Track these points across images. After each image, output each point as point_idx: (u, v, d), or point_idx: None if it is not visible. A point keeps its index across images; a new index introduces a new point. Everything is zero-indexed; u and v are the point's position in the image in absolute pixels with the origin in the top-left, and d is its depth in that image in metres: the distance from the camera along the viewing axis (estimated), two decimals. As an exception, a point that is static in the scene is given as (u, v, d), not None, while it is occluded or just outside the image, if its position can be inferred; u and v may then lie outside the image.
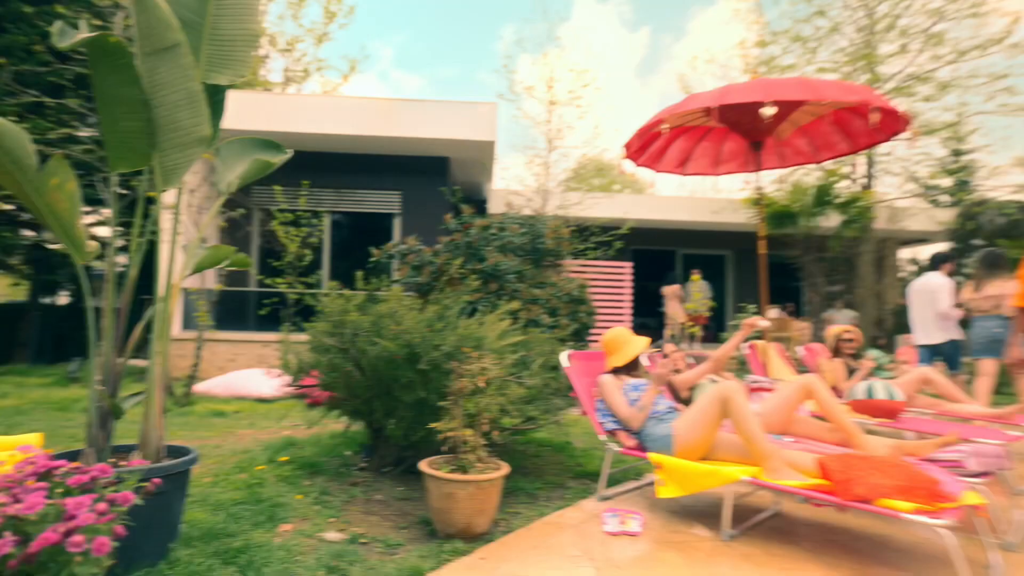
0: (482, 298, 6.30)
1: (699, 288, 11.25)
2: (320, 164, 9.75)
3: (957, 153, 14.11)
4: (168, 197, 2.45)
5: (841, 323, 11.77)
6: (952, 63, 10.45)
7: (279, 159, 2.76)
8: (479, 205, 12.69)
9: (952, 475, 2.58)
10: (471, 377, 2.61)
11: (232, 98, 8.81)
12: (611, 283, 10.13)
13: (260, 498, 2.93)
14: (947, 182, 13.88)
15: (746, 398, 2.84)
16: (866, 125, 4.31)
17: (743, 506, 3.08)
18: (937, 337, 5.83)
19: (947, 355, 5.76)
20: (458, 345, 2.85)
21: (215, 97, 2.34)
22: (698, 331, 11.09)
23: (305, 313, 8.10)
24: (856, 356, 5.23)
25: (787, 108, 4.12)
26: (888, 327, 13.97)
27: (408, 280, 6.80)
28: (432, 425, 2.63)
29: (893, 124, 4.01)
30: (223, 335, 8.67)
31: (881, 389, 4.26)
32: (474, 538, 2.52)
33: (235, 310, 9.81)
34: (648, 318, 14.32)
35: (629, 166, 5.09)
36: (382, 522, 2.74)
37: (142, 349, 2.70)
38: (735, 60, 12.34)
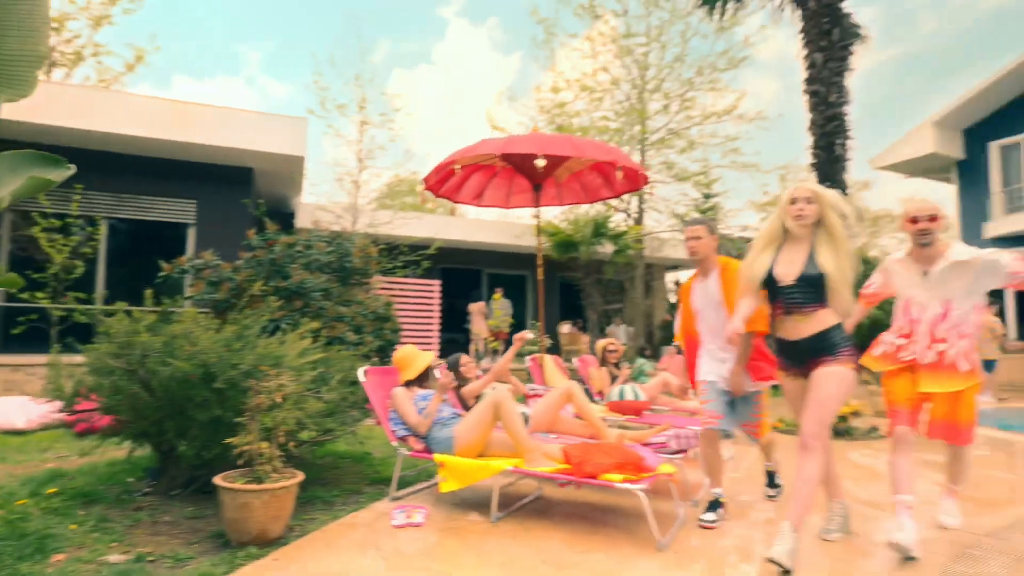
0: (285, 316, 6.28)
1: (501, 306, 12.21)
2: (98, 164, 8.74)
3: (706, 196, 17.14)
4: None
5: (619, 337, 13.64)
6: (699, 124, 12.88)
7: (60, 176, 2.69)
8: (286, 218, 12.29)
9: (657, 453, 3.43)
10: (268, 393, 2.81)
11: None
12: (420, 300, 10.54)
13: (24, 532, 2.76)
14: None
15: (514, 403, 3.43)
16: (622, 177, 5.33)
17: (512, 493, 3.67)
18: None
19: None
20: (256, 364, 3.01)
21: (-12, 113, 2.27)
22: (499, 346, 12.00)
23: (75, 332, 7.20)
24: (618, 365, 6.29)
25: (558, 160, 4.94)
26: (656, 340, 16.42)
27: (203, 297, 6.48)
28: (229, 440, 2.77)
29: (636, 180, 5.04)
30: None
31: (629, 392, 5.24)
32: (268, 543, 2.71)
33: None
34: (457, 333, 15.01)
35: (430, 195, 5.58)
36: (171, 540, 2.79)
37: None
38: (536, 100, 13.65)
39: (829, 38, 7.05)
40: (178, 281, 7.27)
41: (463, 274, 15.61)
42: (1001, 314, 15.18)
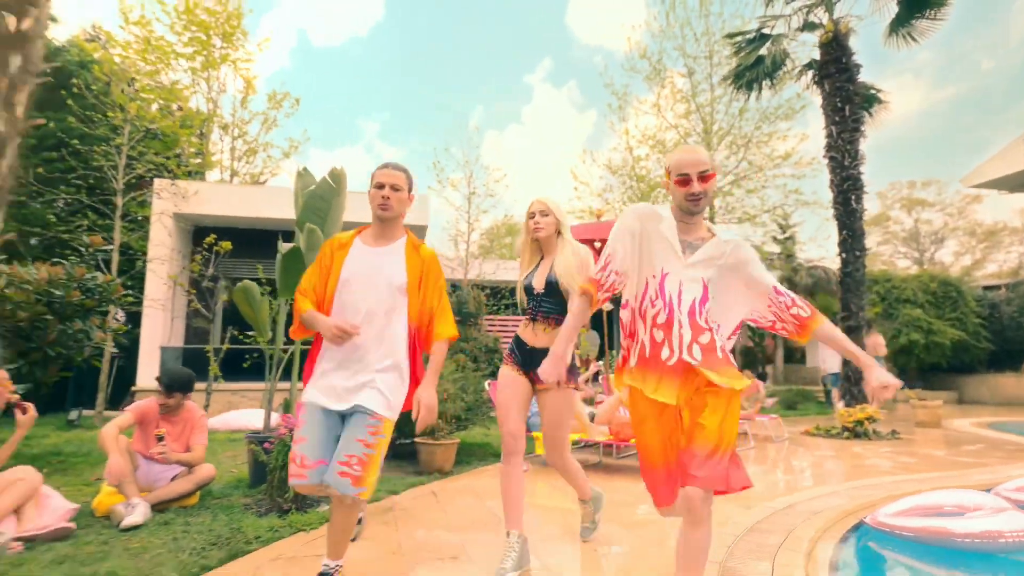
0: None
1: (588, 338, 14.25)
2: (264, 240, 11.91)
3: (782, 227, 18.26)
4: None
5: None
6: (760, 169, 14.38)
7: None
8: (410, 270, 15.19)
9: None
10: (440, 393, 5.14)
11: (223, 190, 10.86)
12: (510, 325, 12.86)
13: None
14: (776, 249, 17.91)
15: (580, 402, 5.54)
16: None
17: (583, 461, 5.75)
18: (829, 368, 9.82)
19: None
20: (431, 378, 5.37)
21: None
22: (586, 370, 14.02)
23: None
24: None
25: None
26: (736, 365, 17.63)
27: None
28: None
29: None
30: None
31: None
32: (445, 473, 4.99)
33: (197, 364, 11.56)
34: (552, 362, 17.09)
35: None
36: (393, 472, 5.15)
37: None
38: (614, 155, 15.77)
39: (842, 114, 8.65)
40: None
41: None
42: None
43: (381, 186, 2.42)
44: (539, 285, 2.83)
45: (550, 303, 2.81)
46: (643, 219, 2.13)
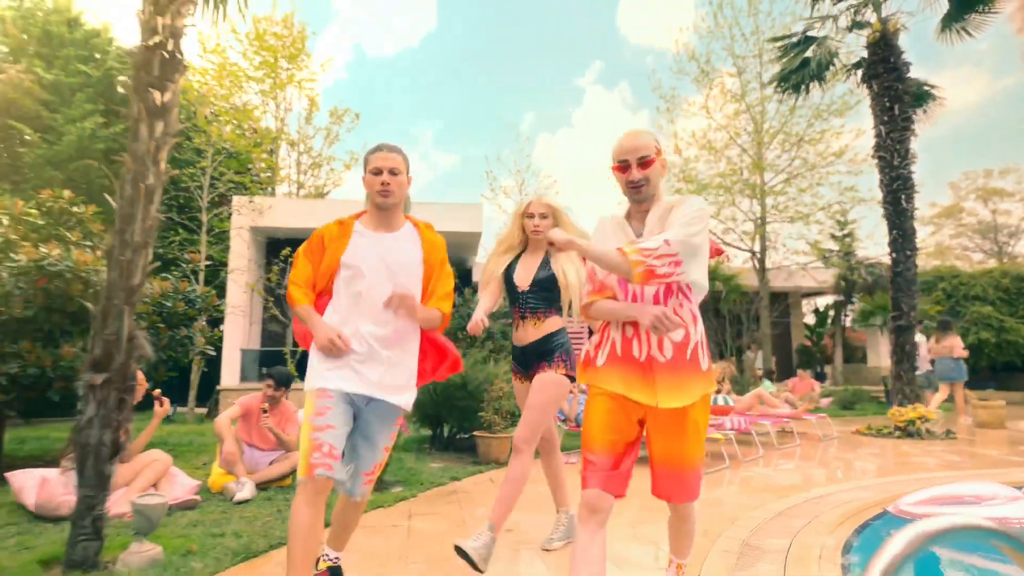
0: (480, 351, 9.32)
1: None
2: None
3: (841, 225, 17.88)
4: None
5: (756, 363, 15.12)
6: (813, 167, 14.22)
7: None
8: (466, 273, 15.84)
9: (717, 429, 5.70)
10: (496, 391, 5.64)
11: (293, 204, 11.81)
12: (573, 334, 13.22)
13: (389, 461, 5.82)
14: (835, 246, 17.55)
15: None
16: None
17: (630, 454, 6.12)
18: (924, 368, 9.80)
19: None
20: (487, 377, 5.88)
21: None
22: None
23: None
24: (720, 382, 8.40)
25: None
26: (795, 363, 17.42)
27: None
28: (480, 414, 5.63)
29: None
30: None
31: (720, 399, 7.41)
32: (501, 464, 5.49)
33: (273, 365, 12.54)
34: (604, 362, 17.35)
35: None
36: (454, 462, 5.69)
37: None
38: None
39: (891, 113, 8.63)
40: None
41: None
42: None
43: (378, 171, 2.25)
44: (523, 282, 2.87)
45: (535, 299, 2.87)
46: (603, 223, 2.10)
